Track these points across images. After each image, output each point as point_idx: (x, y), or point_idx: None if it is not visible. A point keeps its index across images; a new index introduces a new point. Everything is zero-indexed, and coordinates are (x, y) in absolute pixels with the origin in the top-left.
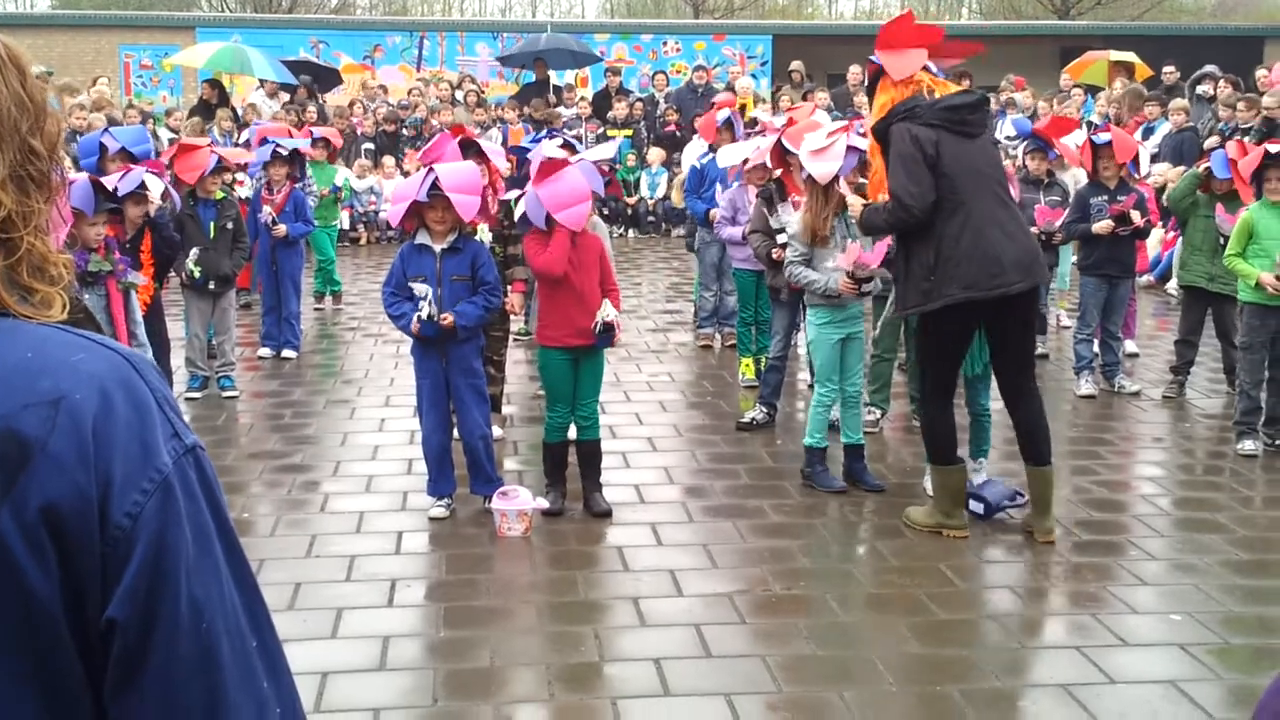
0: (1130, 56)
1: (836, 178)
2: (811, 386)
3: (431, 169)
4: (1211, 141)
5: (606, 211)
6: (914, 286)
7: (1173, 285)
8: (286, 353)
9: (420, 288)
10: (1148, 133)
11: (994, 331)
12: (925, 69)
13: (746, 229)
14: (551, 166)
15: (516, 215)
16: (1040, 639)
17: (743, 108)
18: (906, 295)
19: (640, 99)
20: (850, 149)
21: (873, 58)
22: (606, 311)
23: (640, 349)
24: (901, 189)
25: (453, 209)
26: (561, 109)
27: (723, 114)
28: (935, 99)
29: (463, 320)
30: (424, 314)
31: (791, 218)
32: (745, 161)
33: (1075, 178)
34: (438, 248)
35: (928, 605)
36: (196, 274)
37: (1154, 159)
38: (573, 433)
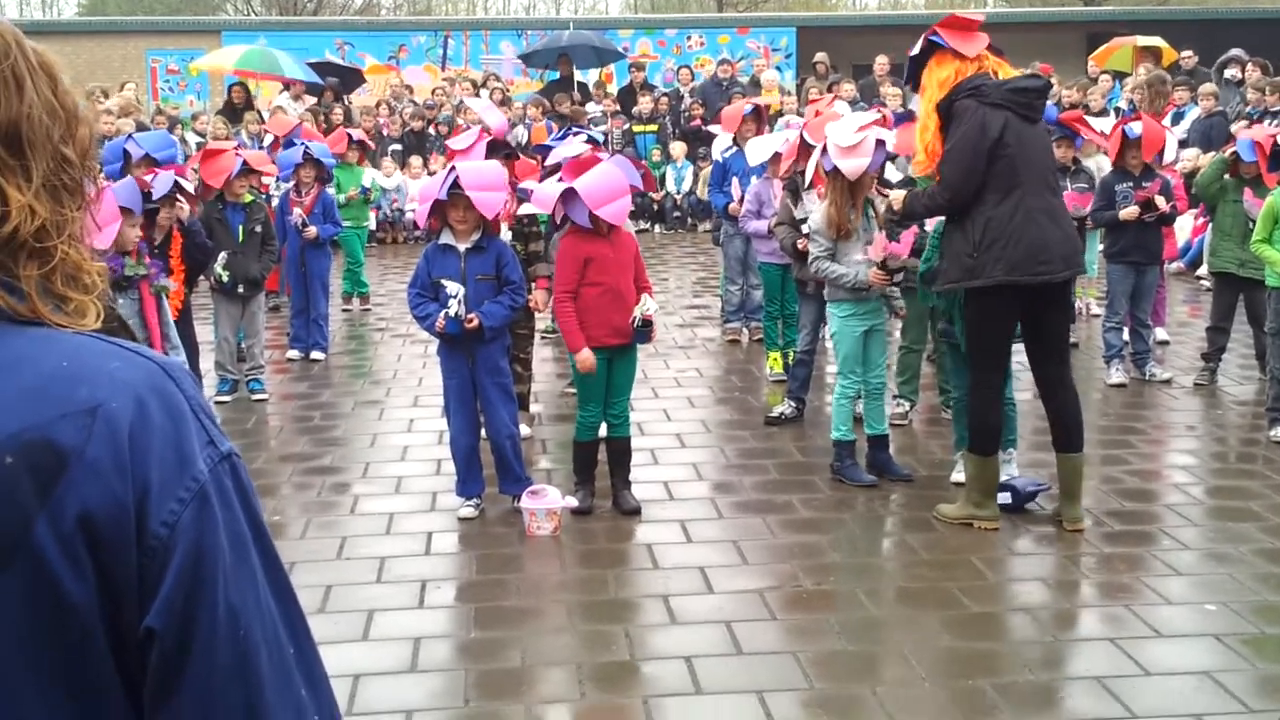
0: (1157, 41)
1: (866, 173)
2: None
3: (453, 167)
4: (1238, 126)
5: (633, 207)
6: (957, 262)
7: (1203, 271)
8: (315, 354)
9: (451, 285)
10: (1177, 118)
11: (1030, 320)
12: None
13: (772, 222)
14: (583, 163)
15: (557, 216)
16: (1073, 631)
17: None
18: (949, 270)
19: (665, 94)
20: (879, 143)
21: (934, 37)
22: (646, 305)
23: (668, 345)
24: (958, 174)
25: (475, 208)
26: (591, 105)
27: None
28: (1002, 79)
29: (489, 320)
30: (451, 311)
31: (814, 212)
32: (777, 156)
33: (1099, 165)
34: (462, 247)
35: (959, 598)
36: (225, 278)
37: (1183, 144)
38: (602, 430)
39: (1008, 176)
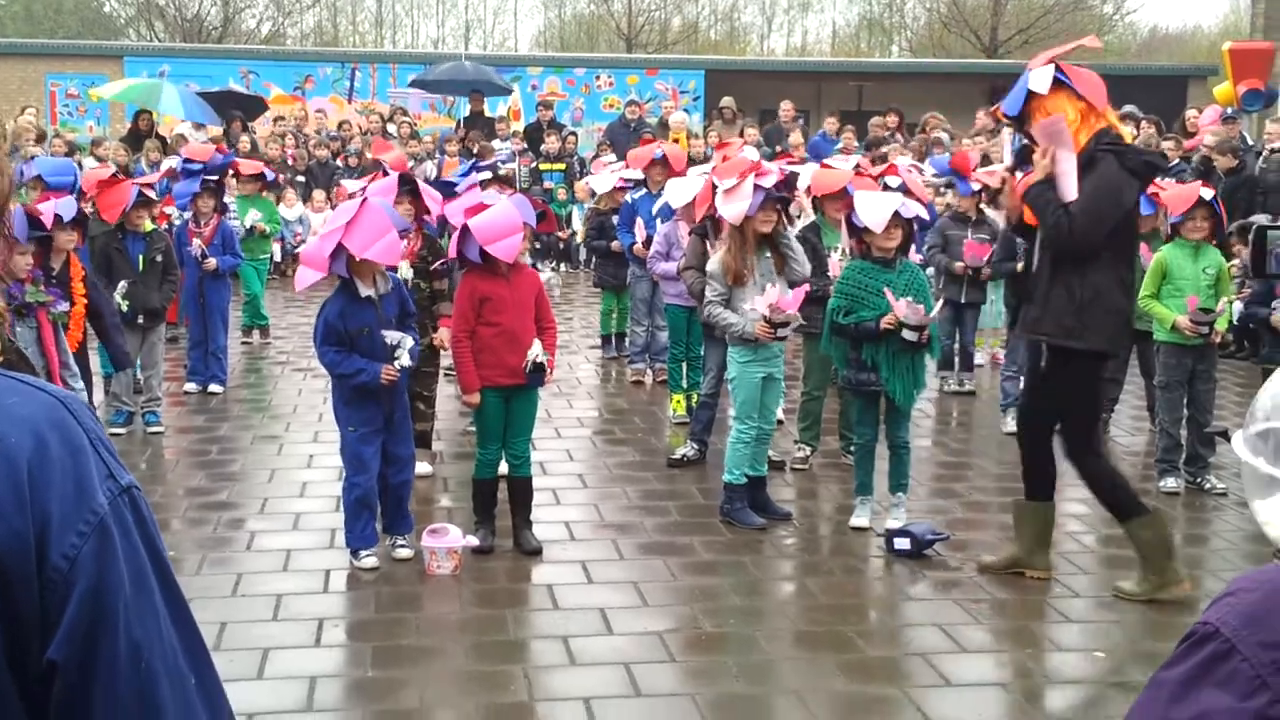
0: None
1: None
2: None
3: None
4: None
5: (539, 246)
6: (1054, 318)
7: None
8: (213, 387)
9: (393, 335)
10: None
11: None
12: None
13: (681, 264)
14: (480, 205)
15: (452, 252)
16: (967, 677)
17: (675, 142)
18: (1042, 320)
19: (573, 132)
20: (758, 188)
21: (1059, 74)
22: (536, 352)
23: (571, 384)
24: (1090, 220)
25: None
26: (496, 142)
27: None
28: (1139, 149)
29: (415, 359)
30: (406, 362)
31: (713, 257)
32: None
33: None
34: (375, 294)
35: (855, 642)
36: (124, 307)
37: None
38: (503, 468)
39: (1126, 247)
